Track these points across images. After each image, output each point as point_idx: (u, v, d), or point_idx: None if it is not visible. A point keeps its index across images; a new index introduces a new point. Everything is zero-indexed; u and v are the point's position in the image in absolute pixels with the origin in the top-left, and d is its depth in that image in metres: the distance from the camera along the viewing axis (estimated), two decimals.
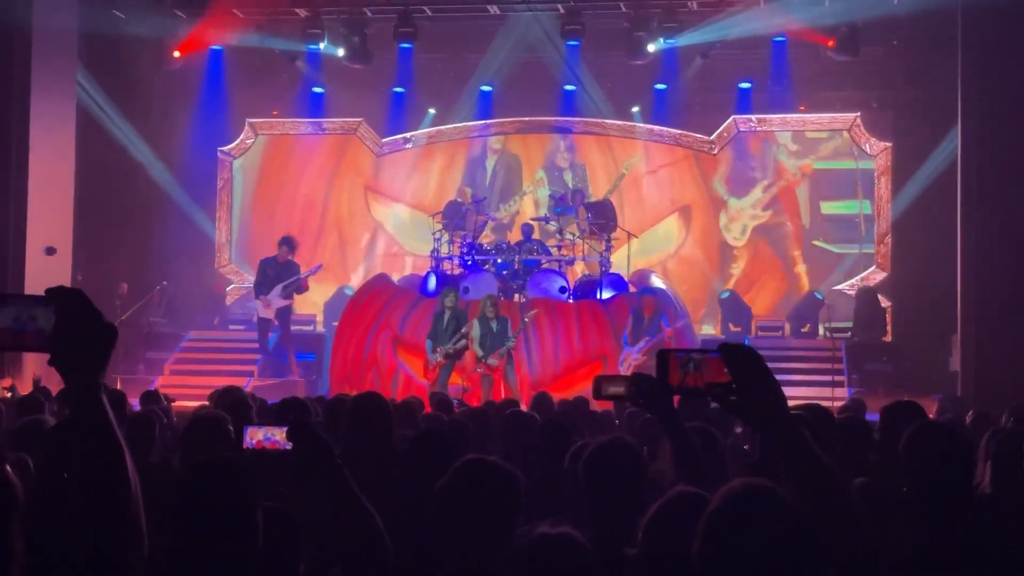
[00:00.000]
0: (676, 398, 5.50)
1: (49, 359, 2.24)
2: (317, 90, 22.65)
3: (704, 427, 5.06)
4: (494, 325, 15.38)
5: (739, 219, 22.38)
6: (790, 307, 21.31)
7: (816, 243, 22.10)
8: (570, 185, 21.23)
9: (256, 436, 4.07)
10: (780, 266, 22.19)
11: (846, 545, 2.39)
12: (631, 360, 15.64)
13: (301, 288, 18.49)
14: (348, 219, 23.50)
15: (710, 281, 22.21)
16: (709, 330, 20.84)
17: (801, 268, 22.06)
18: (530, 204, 22.57)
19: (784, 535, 2.34)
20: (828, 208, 22.09)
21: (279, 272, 18.31)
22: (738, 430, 7.58)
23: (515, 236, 19.92)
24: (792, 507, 2.37)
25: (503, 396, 14.26)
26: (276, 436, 4.04)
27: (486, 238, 19.83)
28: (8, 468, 2.49)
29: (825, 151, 22.18)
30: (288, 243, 18.59)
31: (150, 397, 9.44)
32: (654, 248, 20.99)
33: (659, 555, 3.17)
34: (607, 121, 22.80)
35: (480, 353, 15.32)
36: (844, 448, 5.62)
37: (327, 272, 22.35)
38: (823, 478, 2.42)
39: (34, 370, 15.10)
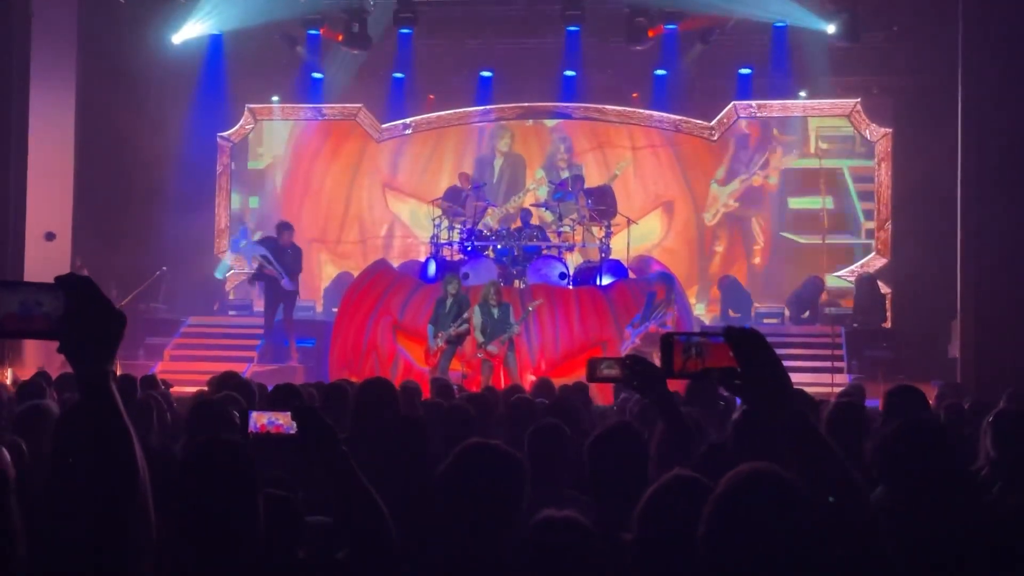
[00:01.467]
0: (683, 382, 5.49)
1: (58, 347, 2.23)
2: (316, 75, 22.62)
3: (694, 413, 5.04)
4: (495, 312, 15.38)
5: (714, 205, 22.83)
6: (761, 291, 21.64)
7: (784, 235, 22.40)
8: (569, 184, 21.16)
9: (260, 420, 4.07)
10: (743, 254, 22.58)
11: (853, 530, 2.38)
12: (629, 343, 15.65)
13: (265, 274, 18.40)
14: (368, 212, 23.63)
15: (695, 264, 22.57)
16: (700, 309, 21.22)
17: (757, 260, 22.53)
18: (532, 200, 22.56)
19: (790, 517, 2.34)
20: (795, 203, 22.52)
21: (273, 252, 18.27)
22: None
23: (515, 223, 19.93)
24: (798, 489, 2.37)
25: (503, 382, 14.29)
26: (280, 420, 4.04)
27: (486, 226, 19.78)
28: (4, 451, 2.49)
29: (789, 152, 22.64)
30: (286, 227, 18.64)
31: (148, 382, 9.43)
32: (638, 240, 21.05)
33: (655, 539, 3.16)
34: (607, 107, 22.82)
35: (481, 339, 15.33)
36: (839, 434, 5.63)
37: (348, 261, 22.44)
38: (829, 461, 2.42)
39: (37, 360, 15.07)
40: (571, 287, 17.34)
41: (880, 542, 2.43)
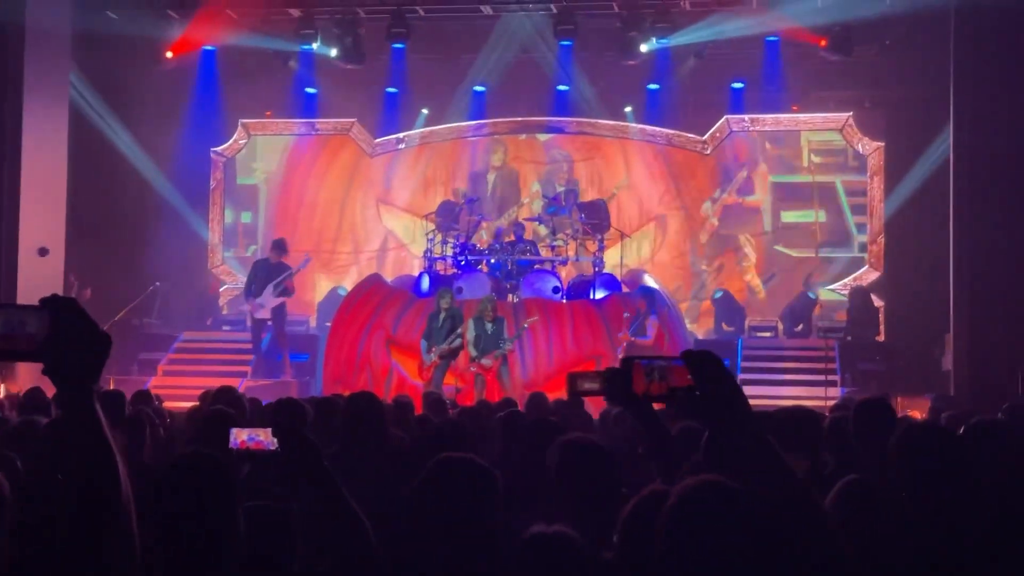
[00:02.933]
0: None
1: (43, 368, 2.23)
2: (310, 90, 22.63)
3: (692, 425, 5.03)
4: (489, 327, 15.38)
5: (704, 224, 22.77)
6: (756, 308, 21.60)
7: (778, 248, 22.35)
8: (562, 198, 21.09)
9: (241, 436, 4.07)
10: (736, 271, 22.50)
11: (810, 551, 2.38)
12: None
13: (289, 290, 18.49)
14: (362, 226, 23.60)
15: (688, 278, 22.54)
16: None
17: (750, 277, 22.40)
18: (527, 214, 22.56)
19: (741, 526, 2.35)
20: (788, 217, 22.48)
21: (270, 273, 18.37)
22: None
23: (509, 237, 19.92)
24: (747, 498, 2.38)
25: (497, 396, 14.27)
26: (260, 436, 4.03)
27: (480, 239, 19.78)
28: None
29: (782, 166, 22.62)
30: (279, 246, 18.70)
31: (141, 397, 9.43)
32: (631, 254, 21.05)
33: (635, 557, 3.16)
34: (600, 121, 22.85)
35: (474, 353, 15.33)
36: (834, 447, 5.64)
37: (342, 275, 22.48)
38: (785, 482, 2.42)
39: (30, 377, 15.01)
40: (565, 301, 17.35)
41: (837, 556, 2.43)
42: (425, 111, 23.22)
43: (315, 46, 20.59)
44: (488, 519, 3.32)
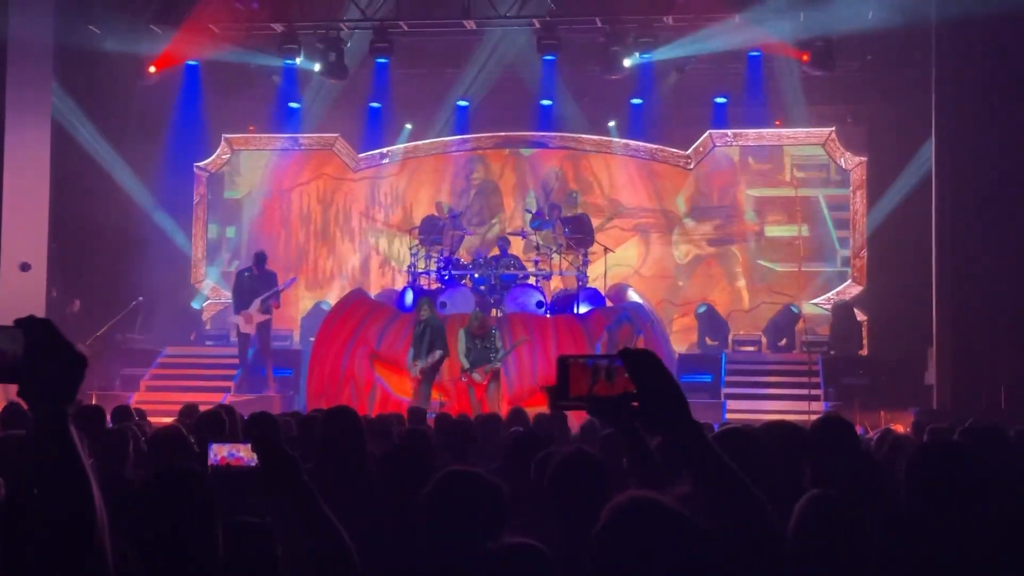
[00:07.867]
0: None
1: (18, 390, 2.21)
2: (293, 105, 22.61)
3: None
4: (477, 343, 15.35)
5: (686, 242, 22.66)
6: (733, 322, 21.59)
7: (761, 262, 22.38)
8: (546, 212, 21.02)
9: (221, 453, 4.05)
10: (724, 284, 22.47)
11: (758, 552, 2.36)
12: None
13: (277, 304, 18.52)
14: (345, 240, 23.58)
15: (672, 292, 22.47)
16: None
17: (741, 284, 22.38)
18: (510, 228, 22.53)
19: (674, 544, 2.31)
20: (771, 231, 22.51)
21: (255, 284, 18.34)
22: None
23: (493, 251, 19.92)
24: (679, 515, 2.34)
25: (483, 411, 14.25)
26: (241, 452, 4.01)
27: (463, 254, 19.77)
28: None
29: (765, 181, 22.63)
30: (259, 258, 18.70)
31: (122, 413, 9.38)
32: (615, 268, 21.01)
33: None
34: (583, 136, 22.87)
35: (465, 364, 15.29)
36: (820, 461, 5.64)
37: (325, 290, 22.49)
38: (730, 484, 2.39)
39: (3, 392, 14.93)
40: (549, 316, 17.34)
41: (786, 563, 2.41)
42: (409, 126, 23.22)
43: (298, 61, 20.58)
44: (494, 535, 3.29)
